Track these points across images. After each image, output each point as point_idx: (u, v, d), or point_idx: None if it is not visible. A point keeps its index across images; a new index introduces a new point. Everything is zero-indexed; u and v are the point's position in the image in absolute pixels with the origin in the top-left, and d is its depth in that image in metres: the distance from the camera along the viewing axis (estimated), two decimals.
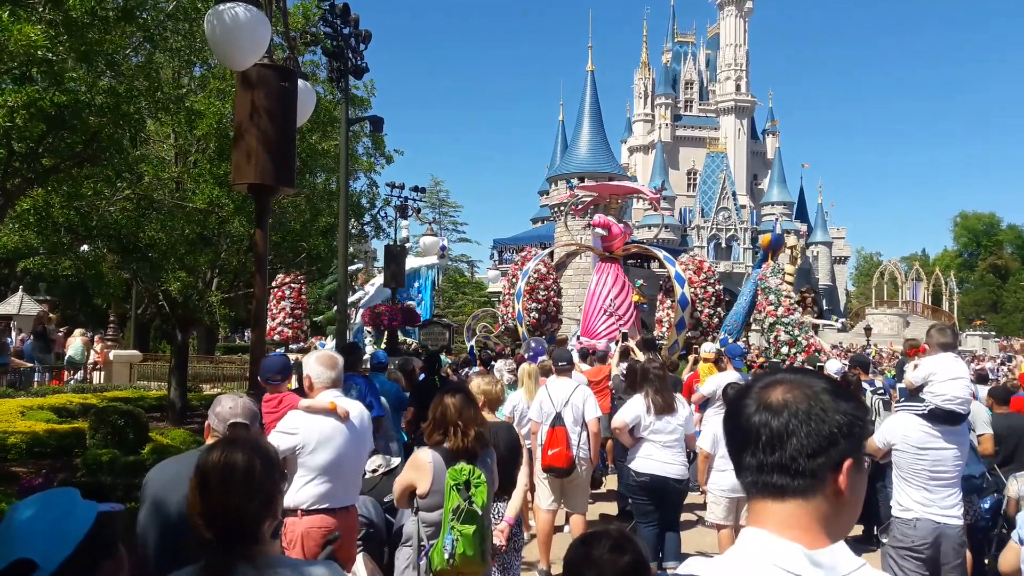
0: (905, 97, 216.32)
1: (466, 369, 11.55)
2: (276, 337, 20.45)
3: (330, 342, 20.70)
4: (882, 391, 9.40)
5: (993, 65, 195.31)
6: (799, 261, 27.81)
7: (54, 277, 20.46)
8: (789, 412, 1.29)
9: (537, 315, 20.54)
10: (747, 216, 71.91)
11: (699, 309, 19.91)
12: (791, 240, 24.61)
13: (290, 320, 20.79)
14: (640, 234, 67.00)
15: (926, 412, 4.73)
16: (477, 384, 5.32)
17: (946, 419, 4.69)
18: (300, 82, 6.00)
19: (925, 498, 4.63)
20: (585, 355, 11.67)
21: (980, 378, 11.99)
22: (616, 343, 13.85)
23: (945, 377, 4.74)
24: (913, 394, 4.99)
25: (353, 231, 16.28)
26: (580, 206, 31.11)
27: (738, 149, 77.49)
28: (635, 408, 6.53)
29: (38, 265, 12.68)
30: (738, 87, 78.37)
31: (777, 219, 24.36)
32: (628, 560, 2.27)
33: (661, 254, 22.59)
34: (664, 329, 19.75)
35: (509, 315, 21.76)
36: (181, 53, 9.56)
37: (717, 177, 71.91)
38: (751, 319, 20.90)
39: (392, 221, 18.89)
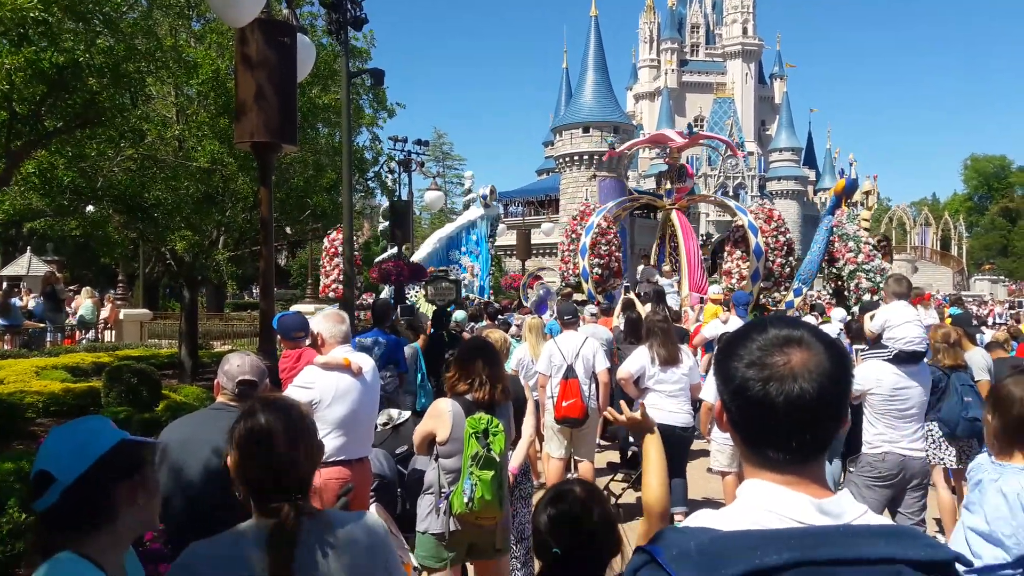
0: (914, 39, 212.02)
1: (472, 324, 11.61)
2: (331, 294, 19.94)
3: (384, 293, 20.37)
4: None
5: (1005, 6, 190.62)
6: (875, 206, 27.15)
7: (61, 237, 20.54)
8: (820, 381, 1.22)
9: (600, 271, 20.31)
10: (755, 163, 71.21)
11: (770, 259, 19.62)
12: (867, 185, 23.83)
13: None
14: (647, 184, 66.54)
15: (892, 356, 5.17)
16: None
17: (909, 359, 5.15)
18: (299, 37, 5.94)
19: (892, 435, 5.08)
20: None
21: (982, 323, 11.99)
22: (623, 294, 13.86)
23: (899, 322, 5.21)
24: (875, 342, 5.46)
25: (357, 187, 16.21)
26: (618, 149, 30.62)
27: (745, 94, 76.35)
28: (640, 359, 6.62)
29: (45, 226, 12.73)
30: (745, 30, 76.87)
31: (852, 164, 23.51)
32: (595, 516, 2.31)
33: (732, 203, 22.30)
34: (735, 281, 19.42)
35: (571, 271, 21.51)
36: (179, 9, 9.44)
37: (724, 124, 71.00)
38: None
39: (396, 177, 18.76)
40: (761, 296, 19.25)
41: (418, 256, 24.29)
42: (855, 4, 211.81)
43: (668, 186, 22.19)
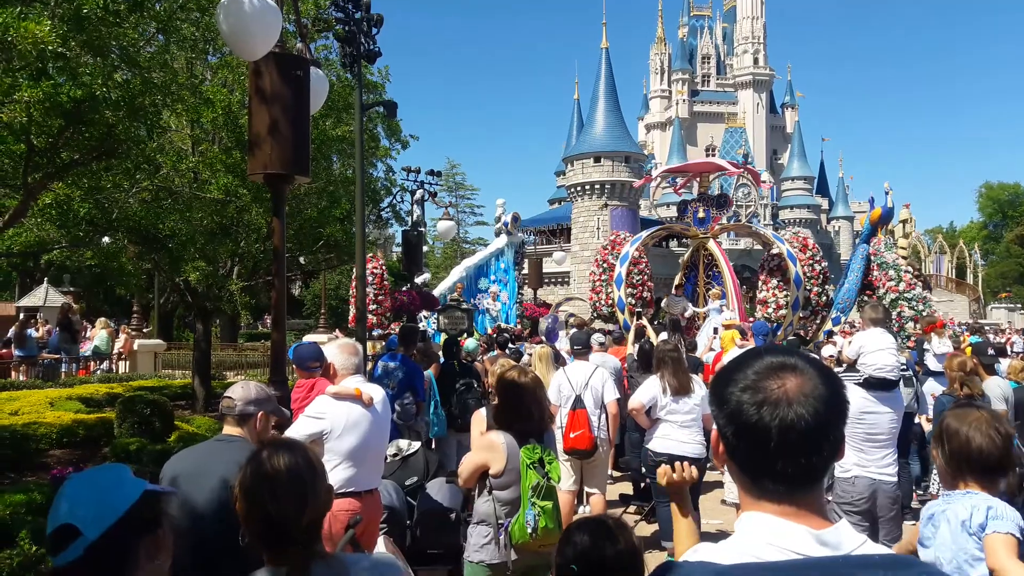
0: (927, 68, 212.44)
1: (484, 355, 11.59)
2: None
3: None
4: (904, 367, 9.36)
5: (1018, 32, 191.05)
6: (912, 234, 27.02)
7: (78, 268, 20.72)
8: (815, 406, 1.22)
9: (633, 300, 20.26)
10: (767, 192, 71.17)
11: (808, 288, 19.56)
12: (904, 213, 23.74)
13: (373, 307, 20.08)
14: (660, 212, 66.49)
15: (861, 381, 5.25)
16: (497, 367, 5.37)
17: (880, 386, 5.22)
18: (312, 70, 6.02)
19: (861, 458, 5.13)
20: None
21: (1000, 352, 11.82)
22: (632, 322, 13.80)
23: (872, 349, 5.30)
24: (851, 367, 5.57)
25: (371, 217, 16.32)
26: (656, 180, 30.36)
27: (757, 124, 76.63)
28: (651, 390, 6.56)
29: (61, 257, 12.85)
30: (756, 60, 77.36)
31: (888, 192, 23.23)
32: (620, 548, 2.30)
33: (769, 232, 22.24)
34: (771, 310, 19.26)
35: (603, 302, 21.36)
36: (194, 43, 9.60)
37: (736, 153, 71.08)
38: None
39: (410, 209, 18.82)
40: (801, 326, 19.12)
41: (445, 284, 24.38)
42: (866, 34, 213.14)
43: (701, 215, 21.76)
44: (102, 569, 1.65)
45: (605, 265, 21.67)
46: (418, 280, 28.27)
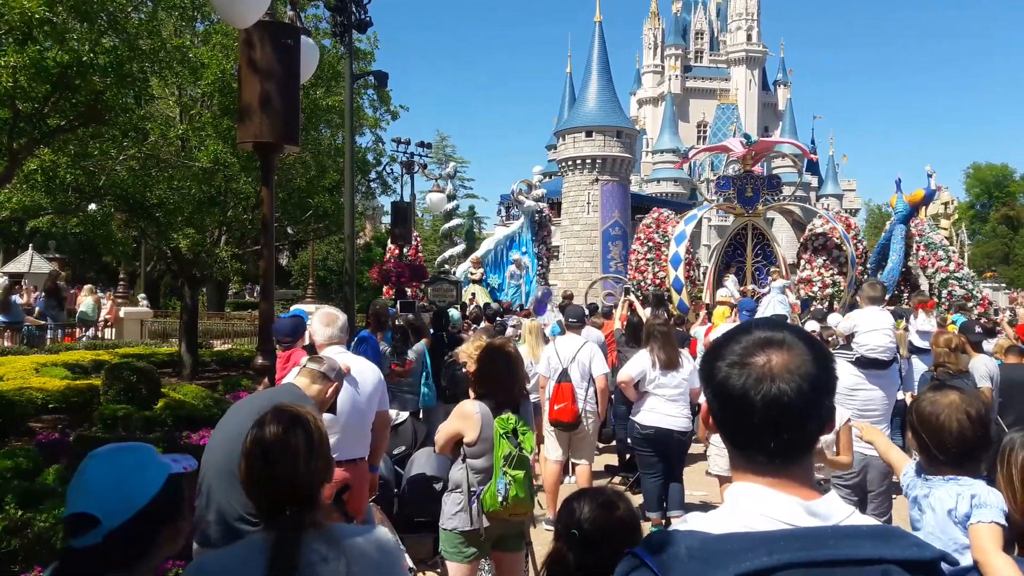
0: (918, 48, 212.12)
1: (474, 326, 11.64)
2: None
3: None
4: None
5: (1007, 13, 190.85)
6: (954, 216, 27.10)
7: (63, 235, 20.56)
8: (799, 382, 1.23)
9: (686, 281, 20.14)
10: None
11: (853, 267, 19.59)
12: (945, 196, 23.71)
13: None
14: (649, 188, 66.45)
15: (853, 360, 5.29)
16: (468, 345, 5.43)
17: (872, 365, 5.25)
18: (303, 38, 5.95)
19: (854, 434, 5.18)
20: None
21: (988, 331, 11.96)
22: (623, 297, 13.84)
23: (866, 329, 5.31)
24: (847, 342, 5.60)
25: (360, 188, 16.24)
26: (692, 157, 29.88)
27: (749, 100, 76.40)
28: (640, 363, 6.61)
29: (47, 224, 12.73)
30: (749, 37, 76.95)
31: (931, 175, 22.89)
32: (619, 515, 2.36)
33: (823, 211, 22.12)
34: (816, 289, 19.16)
35: (648, 281, 21.21)
36: (183, 10, 9.47)
37: (728, 129, 70.90)
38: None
39: (398, 178, 18.76)
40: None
41: (479, 254, 24.44)
42: (859, 13, 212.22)
43: (749, 193, 21.01)
44: (120, 556, 1.62)
45: (650, 244, 21.48)
46: (449, 253, 28.38)
